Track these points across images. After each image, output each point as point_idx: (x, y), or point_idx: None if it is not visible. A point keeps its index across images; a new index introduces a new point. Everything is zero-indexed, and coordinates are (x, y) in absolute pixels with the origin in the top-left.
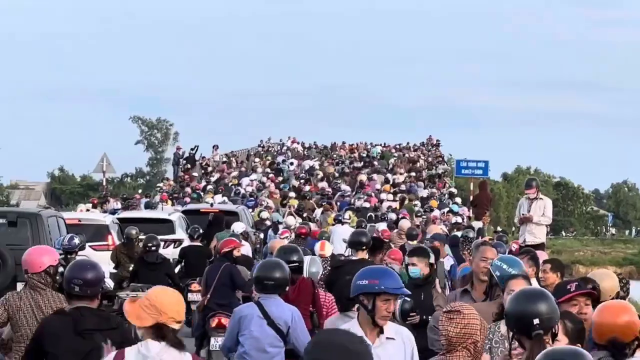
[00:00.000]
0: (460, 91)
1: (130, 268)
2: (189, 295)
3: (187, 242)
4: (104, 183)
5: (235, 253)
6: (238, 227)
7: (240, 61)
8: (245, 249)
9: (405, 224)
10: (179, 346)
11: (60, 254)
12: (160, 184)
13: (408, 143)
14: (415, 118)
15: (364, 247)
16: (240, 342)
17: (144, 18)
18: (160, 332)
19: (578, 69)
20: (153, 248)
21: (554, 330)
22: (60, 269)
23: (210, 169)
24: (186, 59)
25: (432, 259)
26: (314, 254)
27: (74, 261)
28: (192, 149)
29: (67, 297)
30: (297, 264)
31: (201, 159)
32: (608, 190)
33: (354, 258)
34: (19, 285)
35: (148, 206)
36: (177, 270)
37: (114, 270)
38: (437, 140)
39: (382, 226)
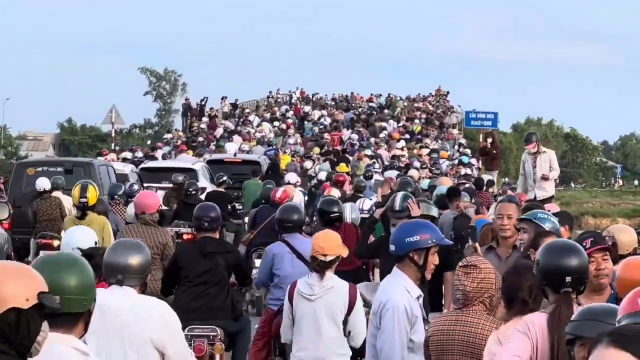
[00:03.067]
0: (470, 41)
1: None
2: None
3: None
4: (113, 134)
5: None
6: (292, 177)
7: (250, 9)
8: (299, 197)
9: (414, 173)
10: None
11: (123, 198)
12: (168, 135)
13: (419, 94)
14: (424, 69)
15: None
16: (275, 274)
17: None
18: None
19: (589, 19)
20: (193, 192)
21: (581, 288)
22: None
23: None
24: (194, 9)
25: (432, 212)
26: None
27: (203, 203)
28: (201, 100)
29: (197, 230)
30: (337, 214)
31: (210, 110)
32: (616, 142)
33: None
34: None
35: (164, 157)
36: None
37: None
38: (446, 92)
39: (392, 174)
